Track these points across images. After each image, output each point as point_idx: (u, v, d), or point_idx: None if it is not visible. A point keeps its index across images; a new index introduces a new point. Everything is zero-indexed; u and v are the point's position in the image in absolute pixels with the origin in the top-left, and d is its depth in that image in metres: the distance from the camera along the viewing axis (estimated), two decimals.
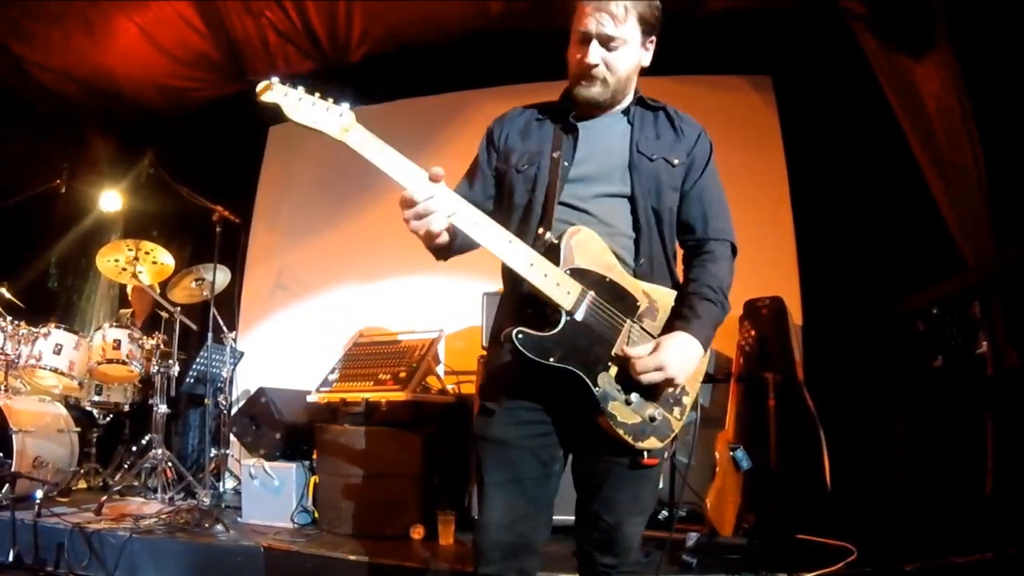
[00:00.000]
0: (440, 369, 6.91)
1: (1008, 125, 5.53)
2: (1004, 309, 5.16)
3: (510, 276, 2.86)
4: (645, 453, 2.83)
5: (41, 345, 7.27)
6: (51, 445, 6.65)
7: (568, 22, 2.92)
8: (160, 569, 5.38)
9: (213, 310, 7.39)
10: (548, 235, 2.82)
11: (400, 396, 6.06)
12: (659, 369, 2.70)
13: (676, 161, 2.97)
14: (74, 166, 8.55)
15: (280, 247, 9.21)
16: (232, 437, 7.39)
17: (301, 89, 2.80)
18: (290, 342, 8.85)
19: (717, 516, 5.56)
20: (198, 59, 8.78)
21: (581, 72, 2.91)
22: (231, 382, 7.85)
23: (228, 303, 8.62)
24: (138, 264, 7.79)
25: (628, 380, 2.76)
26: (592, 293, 2.73)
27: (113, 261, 7.85)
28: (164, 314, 8.00)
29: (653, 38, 2.99)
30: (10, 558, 5.39)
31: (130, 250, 7.74)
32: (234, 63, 8.89)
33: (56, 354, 7.31)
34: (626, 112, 3.07)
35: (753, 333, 6.17)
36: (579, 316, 2.70)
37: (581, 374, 2.70)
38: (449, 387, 6.87)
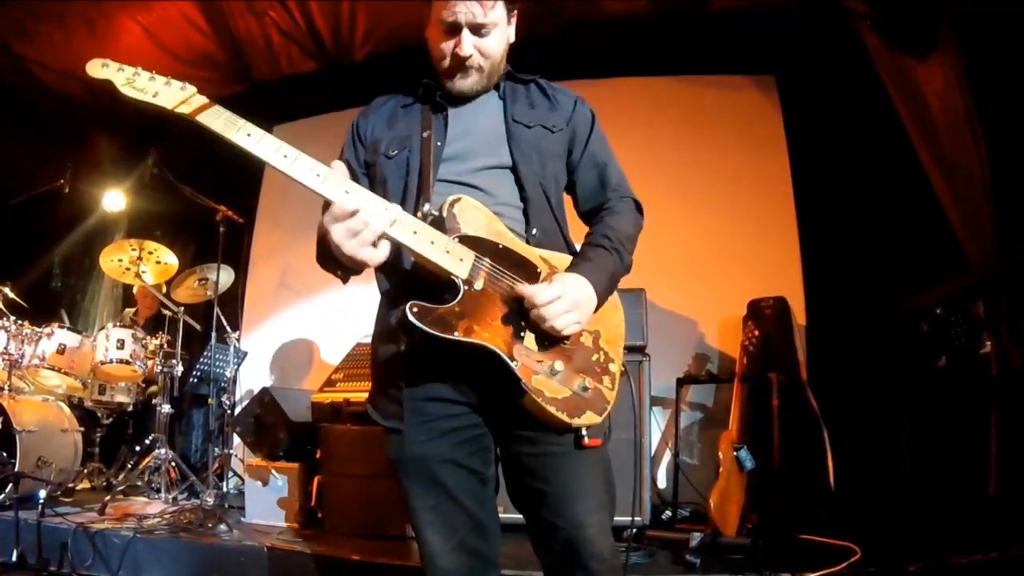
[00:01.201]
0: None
1: (1012, 125, 5.52)
2: (1008, 309, 5.15)
3: (388, 260, 2.50)
4: (584, 432, 2.55)
5: (45, 345, 7.28)
6: (54, 445, 6.64)
7: (571, 19, 2.88)
8: (163, 569, 5.38)
9: (217, 310, 7.38)
10: (427, 206, 2.64)
11: None
12: (559, 297, 2.45)
13: (555, 127, 2.85)
14: (78, 166, 8.55)
15: (284, 247, 9.21)
16: (235, 437, 7.40)
17: (138, 68, 2.74)
18: (294, 342, 8.85)
19: (721, 516, 5.56)
20: (202, 59, 8.78)
21: (455, 64, 2.77)
22: (235, 382, 7.85)
23: (232, 303, 8.62)
24: (141, 264, 7.80)
25: (548, 345, 2.53)
26: (488, 260, 2.53)
27: (117, 261, 7.86)
28: (168, 314, 8.01)
29: (515, 11, 2.84)
30: (14, 558, 5.39)
31: (133, 250, 7.75)
32: (238, 63, 8.90)
33: (60, 354, 7.31)
34: (496, 87, 2.93)
35: (757, 333, 6.17)
36: (478, 285, 2.49)
37: (493, 348, 2.45)
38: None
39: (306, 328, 8.85)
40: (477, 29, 2.69)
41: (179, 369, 7.69)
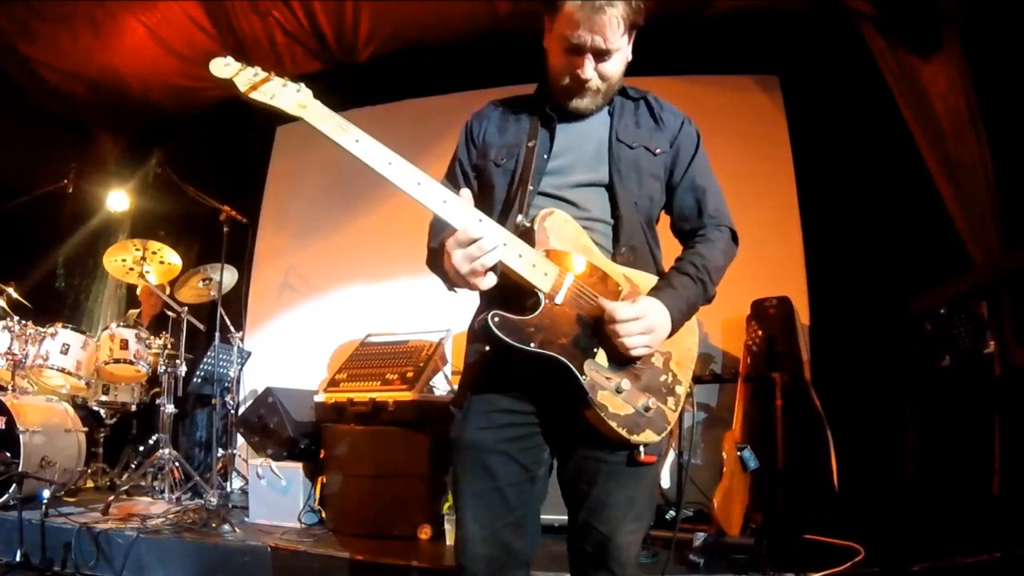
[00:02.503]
0: (447, 369, 6.91)
1: (1016, 126, 5.52)
2: (1012, 309, 5.15)
3: None
4: (641, 449, 2.65)
5: (48, 345, 7.29)
6: (58, 445, 6.65)
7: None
8: (167, 569, 5.38)
9: (220, 310, 7.38)
10: (520, 218, 2.72)
11: (407, 396, 6.06)
12: (639, 318, 2.53)
13: (658, 150, 2.88)
14: (82, 166, 8.56)
15: (287, 247, 9.22)
16: (239, 437, 7.40)
17: (258, 68, 2.88)
18: (297, 342, 8.85)
19: (724, 516, 5.57)
20: (205, 59, 8.67)
21: (574, 85, 2.80)
22: (238, 382, 7.87)
23: (235, 303, 8.61)
24: (145, 264, 7.81)
25: (617, 364, 2.61)
26: (572, 275, 2.61)
27: (120, 261, 7.87)
28: (171, 314, 8.02)
29: (634, 33, 2.83)
30: (17, 558, 5.40)
31: (137, 250, 7.76)
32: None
33: (63, 354, 7.32)
34: (608, 104, 2.95)
35: (760, 333, 6.17)
36: (559, 299, 2.57)
37: (565, 360, 2.54)
38: (456, 387, 6.87)
39: (310, 328, 8.85)
40: (600, 54, 2.72)
41: (183, 369, 7.70)
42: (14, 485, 6.04)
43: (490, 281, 2.52)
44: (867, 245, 6.76)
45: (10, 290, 7.65)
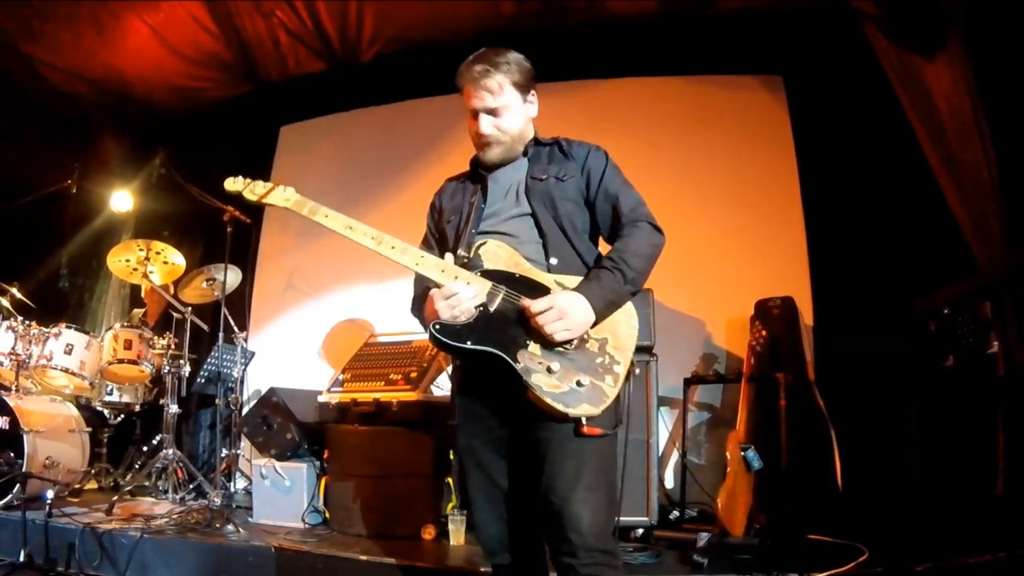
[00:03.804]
0: (451, 369, 6.90)
1: (1020, 126, 5.52)
2: (1015, 309, 5.14)
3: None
4: (583, 419, 2.98)
5: (52, 345, 7.29)
6: (62, 445, 6.65)
7: (579, 19, 3.06)
8: (171, 569, 5.39)
9: (224, 310, 7.37)
10: (460, 252, 3.29)
11: (411, 396, 6.06)
12: (550, 308, 2.98)
13: (566, 176, 3.40)
14: (85, 166, 8.56)
15: (291, 247, 9.22)
16: (243, 437, 7.40)
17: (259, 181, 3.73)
18: (301, 342, 8.86)
19: (728, 516, 5.57)
20: (209, 59, 8.80)
21: (480, 141, 3.43)
22: (242, 382, 7.87)
23: (239, 303, 8.61)
24: (149, 264, 7.81)
25: (548, 350, 3.04)
26: (505, 288, 3.12)
27: (124, 261, 7.87)
28: (176, 314, 8.02)
29: (532, 92, 3.48)
30: (21, 558, 5.40)
31: (141, 250, 7.76)
32: (245, 63, 8.92)
33: (67, 354, 7.33)
34: (524, 153, 3.52)
35: (764, 333, 6.18)
36: (493, 307, 3.10)
37: (499, 352, 3.02)
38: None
39: (313, 328, 8.85)
40: (492, 112, 3.35)
41: (187, 369, 7.71)
42: (18, 485, 6.05)
43: (463, 320, 3.09)
44: (870, 245, 6.76)
45: (14, 290, 7.65)
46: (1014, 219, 5.49)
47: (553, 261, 3.26)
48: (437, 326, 3.04)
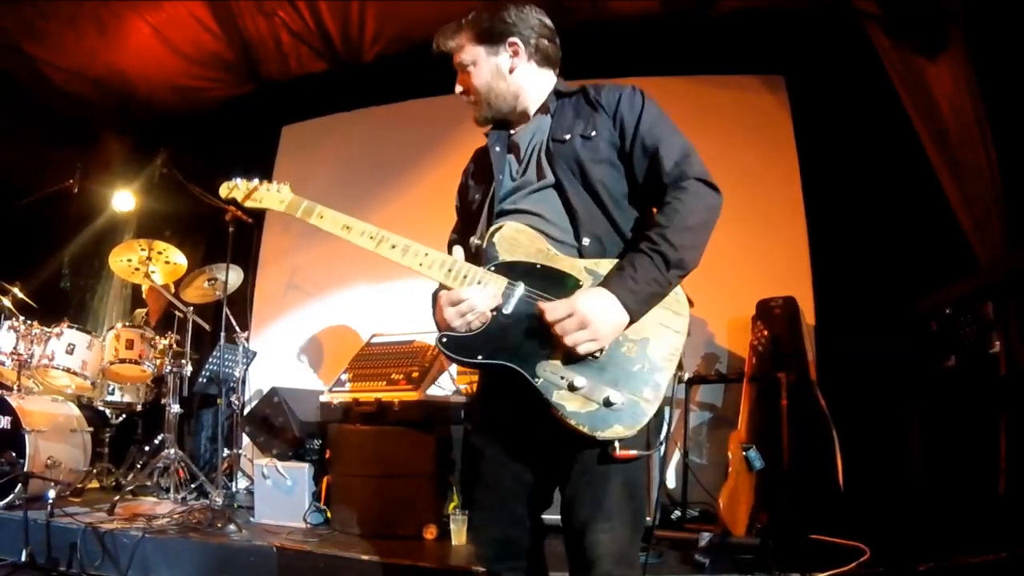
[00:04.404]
0: (453, 369, 6.90)
1: (1021, 126, 5.52)
2: (1017, 309, 5.15)
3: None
4: (616, 444, 2.56)
5: (54, 345, 7.30)
6: (64, 445, 6.67)
7: (580, 19, 2.99)
8: (173, 569, 5.39)
9: (226, 310, 7.38)
10: (474, 240, 2.96)
11: (413, 396, 6.05)
12: (570, 314, 2.54)
13: (592, 133, 2.91)
14: (87, 166, 8.55)
15: (293, 247, 9.22)
16: (245, 437, 7.41)
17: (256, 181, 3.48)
18: (303, 342, 8.86)
19: (730, 516, 5.57)
20: (211, 59, 8.81)
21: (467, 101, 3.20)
22: (244, 382, 7.88)
23: (241, 303, 8.62)
24: (151, 264, 7.81)
25: (572, 362, 2.60)
26: (523, 284, 2.71)
27: (126, 261, 7.88)
28: (178, 314, 8.02)
29: (511, 39, 3.10)
30: (23, 558, 5.41)
31: (143, 250, 7.77)
32: (247, 63, 8.92)
33: (69, 354, 7.34)
34: (546, 110, 3.12)
35: (766, 333, 6.17)
36: (508, 310, 2.69)
37: (515, 366, 2.63)
38: (462, 387, 6.85)
39: (315, 328, 8.86)
40: (460, 72, 3.17)
41: (188, 369, 7.71)
42: (19, 485, 6.07)
43: (476, 326, 2.73)
44: (872, 245, 6.75)
45: (16, 290, 7.66)
46: (1016, 219, 5.49)
47: (586, 242, 2.79)
48: (444, 339, 2.71)
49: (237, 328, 7.73)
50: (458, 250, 2.87)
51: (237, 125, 9.65)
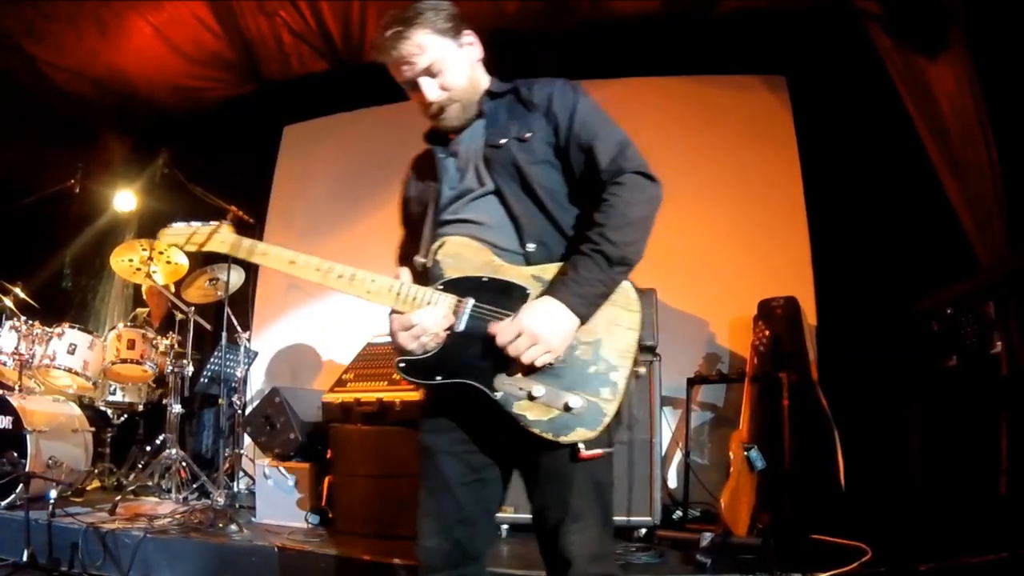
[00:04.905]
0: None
1: (1022, 125, 5.52)
2: (1018, 309, 5.14)
3: None
4: (581, 446, 2.59)
5: (55, 345, 7.30)
6: (65, 445, 6.67)
7: (582, 19, 2.92)
8: (174, 569, 5.39)
9: (227, 310, 7.37)
10: (417, 258, 2.91)
11: (414, 396, 6.03)
12: (520, 334, 2.53)
13: (527, 134, 2.85)
14: (88, 166, 8.55)
15: (294, 247, 9.03)
16: (246, 437, 7.40)
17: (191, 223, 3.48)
18: (304, 342, 8.86)
19: (731, 516, 5.57)
20: (212, 59, 8.82)
21: (432, 112, 2.99)
22: (245, 382, 7.87)
23: (242, 303, 8.63)
24: (152, 264, 7.80)
25: (529, 372, 2.60)
26: (472, 300, 2.69)
27: (127, 261, 7.86)
28: (179, 314, 8.02)
29: (464, 31, 3.01)
30: (24, 558, 5.40)
31: (144, 250, 7.75)
32: (249, 63, 8.93)
33: (70, 354, 7.33)
34: (479, 114, 3.02)
35: (767, 333, 6.17)
36: (461, 327, 2.68)
37: (474, 383, 2.65)
38: None
39: (317, 328, 8.86)
40: (427, 75, 2.90)
41: (190, 369, 7.70)
42: (21, 485, 6.07)
43: (432, 346, 2.70)
44: (874, 245, 6.76)
45: (17, 290, 7.65)
46: (1017, 219, 5.50)
47: (531, 247, 2.76)
48: (402, 363, 2.72)
49: (239, 328, 7.72)
50: (405, 272, 2.87)
51: (238, 125, 9.65)
